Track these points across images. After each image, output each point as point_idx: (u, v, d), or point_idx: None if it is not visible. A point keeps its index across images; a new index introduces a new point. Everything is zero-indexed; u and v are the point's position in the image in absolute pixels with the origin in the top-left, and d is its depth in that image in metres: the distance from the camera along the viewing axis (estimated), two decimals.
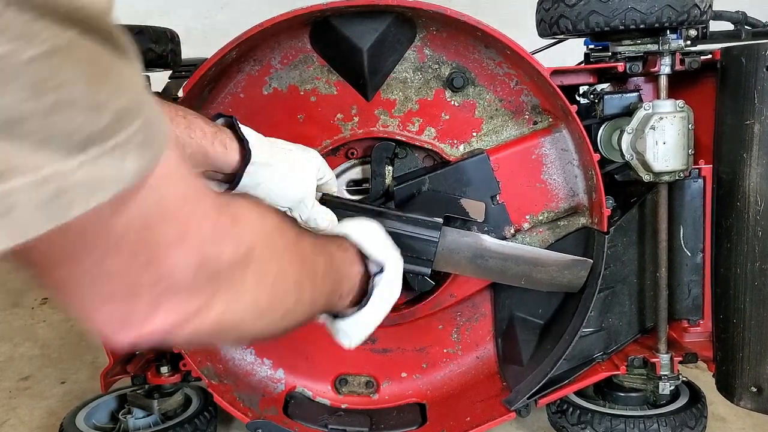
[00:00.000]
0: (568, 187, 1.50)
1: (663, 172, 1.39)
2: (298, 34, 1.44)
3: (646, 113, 1.37)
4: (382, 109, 1.48)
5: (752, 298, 1.37)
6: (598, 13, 1.34)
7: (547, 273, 1.46)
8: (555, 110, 1.48)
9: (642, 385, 1.57)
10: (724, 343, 1.43)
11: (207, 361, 1.54)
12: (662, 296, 1.48)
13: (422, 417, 1.57)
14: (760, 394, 1.39)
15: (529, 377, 1.48)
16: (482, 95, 1.49)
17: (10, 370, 2.12)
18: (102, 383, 1.52)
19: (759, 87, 1.31)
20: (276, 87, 1.48)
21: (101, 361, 2.01)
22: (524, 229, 1.51)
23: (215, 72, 1.40)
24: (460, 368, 1.62)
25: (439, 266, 1.44)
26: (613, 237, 1.47)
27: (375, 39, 1.39)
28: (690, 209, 1.47)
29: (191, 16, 4.36)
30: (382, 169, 1.50)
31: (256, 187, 1.22)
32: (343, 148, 1.51)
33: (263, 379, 1.61)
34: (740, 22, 1.72)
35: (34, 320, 2.50)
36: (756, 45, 1.32)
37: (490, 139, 1.50)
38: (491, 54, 1.45)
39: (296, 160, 1.28)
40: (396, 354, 1.61)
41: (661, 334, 1.49)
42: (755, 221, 1.35)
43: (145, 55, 1.47)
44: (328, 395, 1.62)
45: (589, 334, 1.51)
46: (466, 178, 1.47)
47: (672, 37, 1.39)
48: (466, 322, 1.60)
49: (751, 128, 1.33)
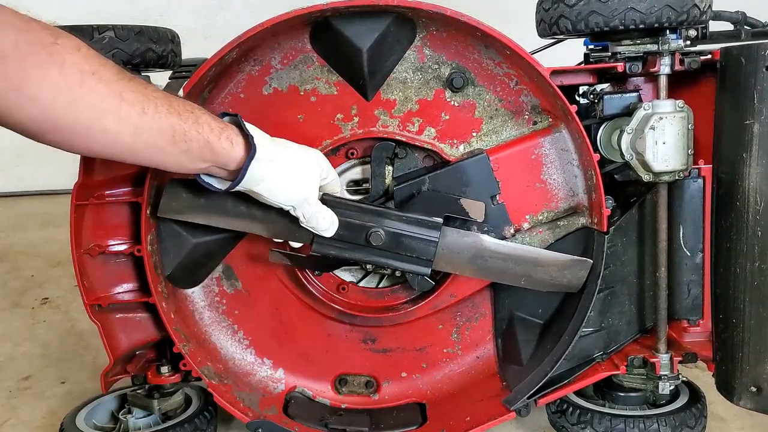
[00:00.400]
0: (567, 187, 1.50)
1: (662, 172, 1.39)
2: (298, 34, 1.44)
3: (645, 113, 1.37)
4: (382, 109, 1.48)
5: (752, 298, 1.37)
6: (598, 13, 1.34)
7: (547, 273, 1.46)
8: (555, 110, 1.48)
9: (642, 384, 1.57)
10: (723, 343, 1.44)
11: (207, 361, 1.54)
12: (662, 296, 1.48)
13: (422, 417, 1.57)
14: (759, 394, 1.39)
15: (528, 377, 1.48)
16: (482, 95, 1.49)
17: (10, 370, 2.12)
18: (102, 383, 1.53)
19: (758, 87, 1.31)
20: (276, 87, 1.48)
21: (101, 361, 2.01)
22: (524, 229, 1.51)
23: (215, 72, 1.41)
24: (460, 368, 1.62)
25: (439, 266, 1.44)
26: (612, 237, 1.47)
27: (375, 39, 1.40)
28: (689, 209, 1.47)
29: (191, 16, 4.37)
30: (382, 169, 1.50)
31: (260, 183, 1.24)
32: (343, 148, 1.51)
33: (263, 379, 1.61)
34: (740, 22, 1.72)
35: (34, 320, 2.50)
36: (755, 45, 1.32)
37: (490, 139, 1.50)
38: (491, 54, 1.46)
39: (300, 159, 1.30)
40: (396, 354, 1.62)
41: (661, 334, 1.49)
42: (755, 221, 1.35)
43: (145, 55, 1.47)
44: (328, 395, 1.62)
45: (589, 333, 1.52)
46: (466, 178, 1.48)
47: (672, 37, 1.39)
48: (466, 322, 1.60)
49: (750, 128, 1.33)
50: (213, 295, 1.59)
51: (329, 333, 1.61)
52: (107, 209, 1.50)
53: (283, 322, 1.60)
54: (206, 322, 1.59)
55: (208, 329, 1.59)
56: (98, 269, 1.51)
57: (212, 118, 1.19)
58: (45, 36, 0.98)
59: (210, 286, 1.58)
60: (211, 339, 1.59)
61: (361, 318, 1.57)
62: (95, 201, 1.48)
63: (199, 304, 1.58)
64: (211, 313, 1.59)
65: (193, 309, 1.58)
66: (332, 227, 1.36)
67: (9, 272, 2.99)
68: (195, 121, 1.15)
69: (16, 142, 4.41)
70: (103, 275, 1.52)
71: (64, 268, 2.96)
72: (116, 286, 1.53)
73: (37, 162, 4.21)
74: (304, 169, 1.29)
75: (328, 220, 1.35)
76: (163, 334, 1.53)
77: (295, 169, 1.28)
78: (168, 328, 1.48)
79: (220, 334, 1.59)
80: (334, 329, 1.61)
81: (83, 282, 1.49)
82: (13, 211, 4.15)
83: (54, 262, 3.07)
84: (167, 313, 1.49)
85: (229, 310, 1.59)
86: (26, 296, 2.72)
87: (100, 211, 1.50)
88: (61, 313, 2.54)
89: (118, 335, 1.53)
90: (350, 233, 1.39)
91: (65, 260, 2.99)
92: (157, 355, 1.59)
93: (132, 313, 1.54)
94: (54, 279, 2.87)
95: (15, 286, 2.84)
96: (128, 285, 1.54)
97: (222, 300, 1.59)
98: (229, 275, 1.58)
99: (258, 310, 1.59)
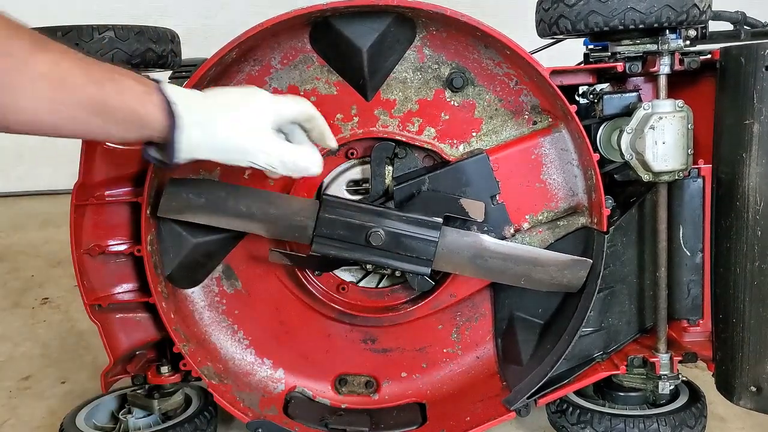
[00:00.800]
0: (567, 187, 1.50)
1: (662, 172, 1.39)
2: (298, 34, 1.44)
3: (645, 113, 1.37)
4: (381, 109, 1.48)
5: (752, 298, 1.37)
6: (598, 13, 1.34)
7: (547, 273, 1.46)
8: (554, 110, 1.48)
9: (642, 384, 1.58)
10: (723, 343, 1.44)
11: (207, 361, 1.54)
12: (662, 296, 1.48)
13: (422, 417, 1.57)
14: (759, 394, 1.39)
15: (528, 377, 1.48)
16: (482, 95, 1.49)
17: (10, 370, 2.12)
18: (102, 383, 1.53)
19: (758, 87, 1.31)
20: (276, 87, 1.48)
21: (101, 361, 2.01)
22: (524, 229, 1.51)
23: (215, 72, 1.41)
24: (460, 368, 1.62)
25: (439, 266, 1.44)
26: (612, 237, 1.47)
27: (375, 39, 1.40)
28: (689, 209, 1.47)
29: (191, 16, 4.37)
30: (381, 169, 1.50)
31: (197, 150, 1.14)
32: (343, 148, 1.51)
33: (263, 379, 1.61)
34: (739, 22, 1.72)
35: (34, 320, 2.50)
36: (755, 45, 1.32)
37: (489, 139, 1.50)
38: (491, 54, 1.46)
39: (235, 110, 1.18)
40: (396, 354, 1.62)
41: (661, 334, 1.49)
42: (755, 221, 1.35)
43: (144, 55, 1.47)
44: (328, 395, 1.62)
45: (589, 333, 1.52)
46: (466, 178, 1.48)
47: (671, 37, 1.39)
48: (466, 322, 1.60)
49: (750, 128, 1.33)
50: (213, 295, 1.59)
51: (329, 333, 1.61)
52: (107, 209, 1.50)
53: (283, 322, 1.60)
54: (206, 322, 1.59)
55: (208, 329, 1.59)
56: (98, 269, 1.51)
57: (137, 81, 1.08)
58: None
59: (210, 286, 1.58)
60: (211, 339, 1.59)
61: (361, 318, 1.57)
62: (95, 201, 1.48)
63: (199, 304, 1.58)
64: (211, 313, 1.59)
65: (193, 309, 1.58)
66: (314, 163, 1.24)
67: (9, 272, 2.99)
68: (117, 90, 1.05)
69: (16, 142, 4.40)
70: (103, 275, 1.52)
71: (64, 268, 2.96)
72: (116, 286, 1.53)
73: (37, 162, 4.21)
74: (244, 120, 1.17)
75: (306, 158, 1.23)
76: (163, 334, 1.53)
77: (234, 124, 1.16)
78: (168, 328, 1.48)
79: (220, 334, 1.59)
80: (334, 329, 1.61)
81: (83, 282, 1.49)
82: (13, 211, 4.15)
83: (54, 262, 3.07)
84: (167, 313, 1.49)
85: (229, 310, 1.59)
86: (26, 296, 2.72)
87: (100, 211, 1.50)
88: (61, 313, 2.54)
89: (118, 335, 1.53)
90: (350, 233, 1.39)
91: (65, 260, 2.99)
92: (157, 355, 1.59)
93: (132, 313, 1.54)
94: (54, 279, 2.87)
95: (15, 286, 2.84)
96: (128, 285, 1.54)
97: (222, 300, 1.59)
98: (229, 275, 1.58)
99: (258, 310, 1.59)
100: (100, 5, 4.09)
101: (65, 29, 1.41)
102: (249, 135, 1.18)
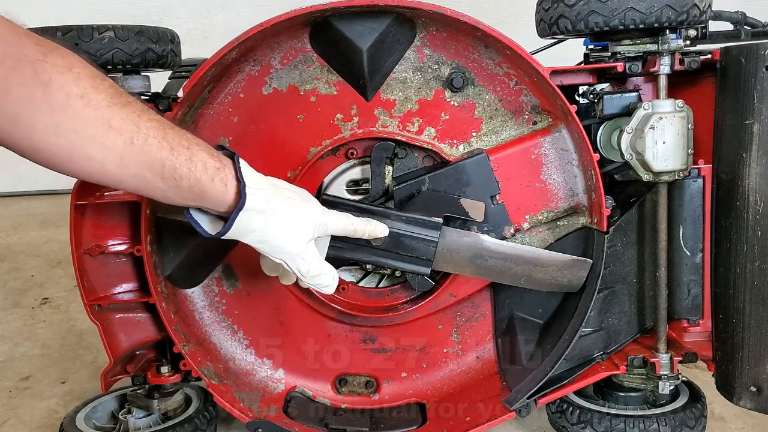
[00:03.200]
0: (567, 187, 1.50)
1: (662, 172, 1.39)
2: (298, 34, 1.44)
3: (645, 113, 1.37)
4: (381, 109, 1.48)
5: (752, 298, 1.37)
6: (598, 13, 1.34)
7: (547, 273, 1.46)
8: (555, 110, 1.48)
9: (642, 384, 1.58)
10: (723, 343, 1.44)
11: (207, 361, 1.54)
12: (662, 296, 1.48)
13: (422, 417, 1.57)
14: (759, 394, 1.39)
15: (528, 377, 1.48)
16: (482, 95, 1.49)
17: (10, 370, 2.12)
18: (102, 383, 1.53)
19: (758, 87, 1.31)
20: (276, 87, 1.48)
21: (101, 361, 2.02)
22: (524, 229, 1.51)
23: (215, 72, 1.41)
24: (460, 368, 1.62)
25: (439, 266, 1.44)
26: (612, 237, 1.47)
27: (375, 39, 1.40)
28: (689, 209, 1.47)
29: (191, 16, 4.37)
30: (381, 169, 1.50)
31: (248, 234, 1.17)
32: (343, 148, 1.51)
33: (263, 379, 1.61)
34: (739, 22, 1.72)
35: (34, 320, 2.50)
36: (755, 45, 1.32)
37: (489, 139, 1.50)
38: (491, 54, 1.46)
39: (295, 212, 1.21)
40: (396, 354, 1.62)
41: (661, 334, 1.49)
42: (755, 221, 1.35)
43: (144, 55, 1.47)
44: (328, 395, 1.62)
45: (589, 333, 1.51)
46: (466, 178, 1.48)
47: (671, 37, 1.39)
48: (466, 322, 1.60)
49: (750, 128, 1.33)
50: (213, 295, 1.59)
51: (329, 333, 1.61)
52: (107, 209, 1.50)
53: (283, 322, 1.60)
54: (206, 322, 1.59)
55: (208, 329, 1.59)
56: (98, 269, 1.51)
57: (209, 155, 1.11)
58: (34, 52, 0.92)
59: (210, 287, 1.58)
60: (211, 339, 1.59)
61: (361, 318, 1.57)
62: (95, 201, 1.48)
63: (199, 305, 1.58)
64: (211, 313, 1.59)
65: (193, 309, 1.58)
66: (332, 284, 1.29)
67: (9, 272, 2.99)
68: (189, 158, 1.07)
69: None
70: (103, 275, 1.52)
71: (64, 268, 2.96)
72: (116, 286, 1.53)
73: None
74: (297, 223, 1.21)
75: (328, 276, 1.27)
76: (163, 334, 1.53)
77: (288, 224, 1.19)
78: (168, 328, 1.48)
79: (220, 334, 1.59)
80: (334, 329, 1.61)
81: (83, 282, 1.49)
82: (13, 211, 4.15)
83: (54, 262, 3.07)
84: (167, 313, 1.49)
85: (229, 310, 1.59)
86: (26, 296, 2.72)
87: (100, 211, 1.50)
88: (61, 313, 2.54)
89: (118, 335, 1.53)
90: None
91: (65, 260, 3.00)
92: (157, 355, 1.59)
93: (132, 313, 1.54)
94: (54, 279, 2.87)
95: (15, 286, 2.84)
96: (128, 285, 1.54)
97: (222, 300, 1.59)
98: (229, 275, 1.58)
99: (258, 310, 1.59)
100: (100, 5, 4.10)
101: (65, 29, 1.41)
102: (295, 239, 1.21)
